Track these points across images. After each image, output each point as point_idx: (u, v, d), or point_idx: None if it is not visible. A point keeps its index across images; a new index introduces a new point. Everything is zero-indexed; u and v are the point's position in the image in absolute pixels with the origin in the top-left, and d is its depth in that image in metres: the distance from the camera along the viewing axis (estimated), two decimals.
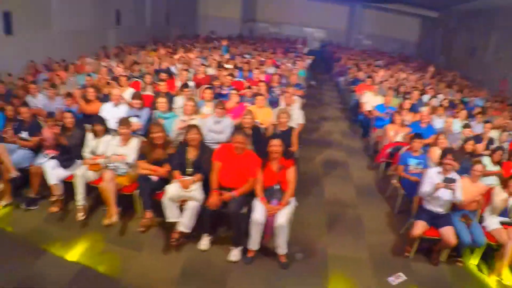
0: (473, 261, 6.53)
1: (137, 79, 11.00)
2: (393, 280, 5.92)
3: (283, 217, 5.72)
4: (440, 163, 6.48)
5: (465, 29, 23.77)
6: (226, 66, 13.62)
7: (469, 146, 8.05)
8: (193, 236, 6.08)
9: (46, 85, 9.52)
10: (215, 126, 7.61)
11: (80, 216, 6.38)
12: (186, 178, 6.04)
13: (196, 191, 6.00)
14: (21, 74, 11.27)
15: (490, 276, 6.31)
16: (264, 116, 8.54)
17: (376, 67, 18.58)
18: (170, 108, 8.42)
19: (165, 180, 6.33)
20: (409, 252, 6.47)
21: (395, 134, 9.22)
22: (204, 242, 6.07)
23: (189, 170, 6.15)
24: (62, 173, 6.63)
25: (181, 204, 6.03)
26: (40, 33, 14.12)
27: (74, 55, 13.93)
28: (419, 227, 6.20)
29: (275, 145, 5.93)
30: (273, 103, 9.93)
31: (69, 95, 8.84)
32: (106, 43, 17.57)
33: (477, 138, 9.08)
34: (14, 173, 6.68)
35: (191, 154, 6.20)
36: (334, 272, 5.93)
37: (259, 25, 33.51)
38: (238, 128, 7.18)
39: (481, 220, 6.65)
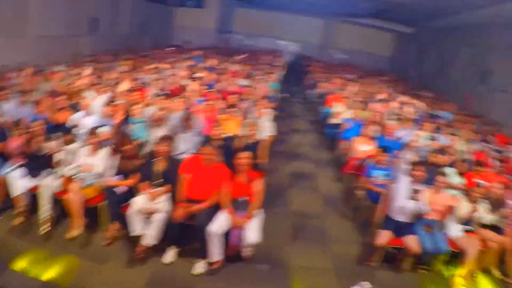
0: (437, 268, 6.74)
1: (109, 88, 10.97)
2: None
3: (254, 235, 5.84)
4: (410, 175, 6.68)
5: (436, 45, 24.31)
6: (198, 75, 13.71)
7: (434, 158, 8.29)
8: (159, 248, 6.05)
9: (17, 92, 9.41)
10: (184, 137, 7.60)
11: (45, 228, 6.24)
12: (154, 190, 6.06)
13: (163, 203, 6.01)
14: None
15: (454, 281, 6.52)
16: (235, 127, 8.59)
17: (348, 81, 18.83)
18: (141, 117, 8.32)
19: (132, 192, 6.28)
20: (374, 261, 6.63)
21: (362, 146, 9.40)
22: (170, 255, 6.05)
23: (157, 181, 6.16)
24: (28, 183, 6.44)
25: (148, 216, 5.99)
26: (14, 39, 13.92)
27: (48, 61, 13.67)
28: (384, 237, 6.38)
29: (243, 157, 6.05)
30: (246, 115, 9.97)
31: (39, 102, 8.65)
32: (81, 50, 17.46)
33: (443, 150, 9.37)
34: None
35: (160, 165, 6.21)
36: (298, 282, 6.01)
37: (234, 36, 33.56)
38: (207, 140, 7.26)
39: (444, 228, 6.86)
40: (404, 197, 6.40)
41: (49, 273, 5.53)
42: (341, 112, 12.19)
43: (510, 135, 13.09)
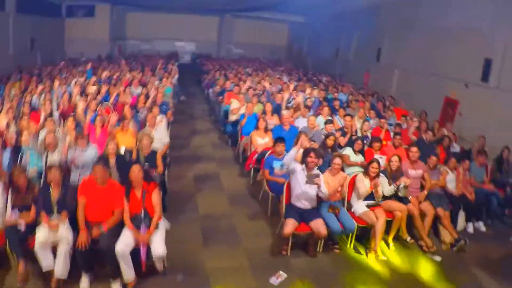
0: (349, 246, 7.10)
1: None
2: (275, 280, 6.19)
3: (160, 247, 5.78)
4: (302, 162, 6.84)
5: (331, 31, 25.20)
6: (90, 90, 13.34)
7: (330, 141, 8.55)
8: (74, 276, 5.79)
9: None
10: (79, 159, 7.29)
11: None
12: (54, 220, 5.81)
13: (64, 232, 5.76)
14: None
15: (367, 255, 6.93)
16: (129, 140, 8.42)
17: (244, 76, 18.95)
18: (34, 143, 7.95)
19: (34, 226, 5.95)
20: (286, 250, 6.81)
21: (260, 139, 9.59)
22: (84, 283, 5.81)
23: (55, 210, 5.92)
24: None
25: (54, 247, 5.76)
26: None
27: None
28: (290, 225, 6.54)
29: (134, 171, 5.96)
30: (139, 126, 9.82)
31: None
32: None
33: (342, 131, 9.68)
34: None
35: (55, 193, 5.98)
36: (216, 285, 6.04)
37: (130, 42, 32.88)
38: (98, 159, 7.02)
39: (349, 207, 7.26)
40: (302, 184, 6.57)
41: None
42: (237, 108, 12.28)
43: (404, 108, 13.90)
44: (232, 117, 12.38)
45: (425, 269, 6.77)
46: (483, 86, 12.19)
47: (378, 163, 7.25)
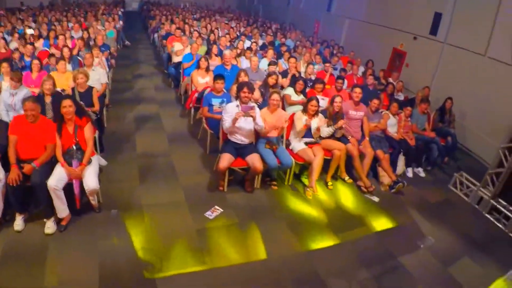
0: (287, 182, 7.20)
1: None
2: (210, 214, 6.27)
3: (92, 181, 5.71)
4: (237, 97, 6.82)
5: None
6: (28, 32, 12.98)
7: (271, 80, 8.57)
8: (8, 219, 5.72)
9: None
10: (10, 99, 7.17)
11: None
12: None
13: None
14: None
15: (305, 192, 7.05)
16: (66, 81, 8.28)
17: (191, 20, 18.75)
18: None
19: None
20: (223, 186, 6.87)
21: (201, 79, 9.54)
22: (18, 222, 5.71)
23: None
24: None
25: None
26: None
27: None
28: (225, 160, 6.55)
29: (66, 105, 5.80)
30: (77, 67, 9.60)
31: None
32: None
33: (284, 73, 9.75)
34: None
35: None
36: (152, 219, 6.06)
37: None
38: (28, 96, 6.87)
39: (288, 144, 7.34)
40: (236, 119, 6.51)
41: None
42: (181, 50, 12.19)
43: (352, 57, 14.05)
44: (175, 59, 12.26)
45: (363, 207, 6.96)
46: (432, 39, 12.29)
47: (317, 101, 7.28)
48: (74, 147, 5.86)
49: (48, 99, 7.01)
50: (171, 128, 9.36)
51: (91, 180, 5.73)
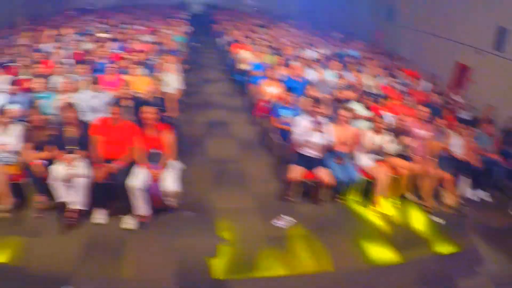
0: (352, 197, 7.21)
1: (10, 64, 10.62)
2: (279, 222, 6.43)
3: (172, 184, 6.04)
4: (309, 111, 6.98)
5: None
6: (101, 35, 13.49)
7: (340, 94, 8.68)
8: (88, 212, 6.13)
9: None
10: (92, 101, 7.58)
11: None
12: (70, 156, 6.07)
13: (81, 167, 6.02)
14: None
15: (369, 208, 7.06)
16: (141, 85, 8.57)
17: (255, 27, 18.94)
18: (47, 88, 8.18)
19: (51, 163, 6.21)
20: (292, 196, 7.01)
21: (270, 88, 9.68)
22: (100, 216, 6.16)
23: (71, 148, 6.16)
24: None
25: (70, 183, 5.99)
26: None
27: None
28: (295, 171, 6.74)
29: (147, 112, 6.18)
30: (151, 72, 9.97)
31: None
32: None
33: (351, 87, 9.77)
34: None
35: (72, 132, 6.21)
36: (224, 223, 6.32)
37: None
38: (116, 100, 7.26)
39: (355, 159, 7.34)
40: (308, 132, 6.70)
41: None
42: (247, 58, 12.42)
43: (416, 70, 13.73)
44: (241, 66, 12.49)
45: (425, 227, 6.88)
46: (497, 55, 11.72)
47: (384, 117, 7.36)
48: (155, 150, 6.19)
49: (126, 103, 7.37)
50: (239, 134, 9.65)
51: (170, 182, 6.05)
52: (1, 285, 5.04)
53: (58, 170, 5.94)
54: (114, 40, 13.35)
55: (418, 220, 7.02)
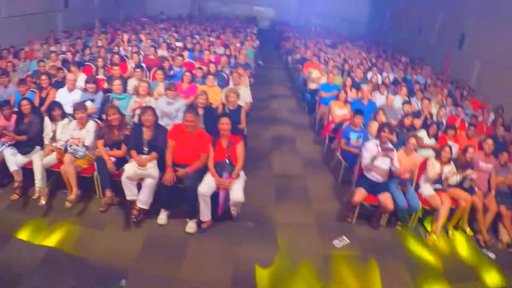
0: (411, 225, 7.16)
1: (88, 64, 11.17)
2: (338, 243, 6.47)
3: (239, 194, 6.22)
4: (377, 136, 7.03)
5: (413, 9, 24.31)
6: (177, 44, 13.93)
7: (408, 121, 8.66)
8: (151, 212, 6.41)
9: None
10: (167, 107, 7.89)
11: (42, 200, 6.50)
12: (143, 157, 6.34)
13: (152, 168, 6.30)
14: None
15: (427, 237, 6.96)
16: (213, 95, 8.84)
17: (324, 46, 19.06)
18: (124, 90, 8.59)
19: (121, 160, 6.60)
20: (352, 218, 7.03)
21: (339, 110, 9.78)
22: (162, 217, 6.43)
23: (145, 149, 6.45)
24: (21, 159, 6.71)
25: (139, 182, 6.34)
26: None
27: (23, 40, 13.67)
28: (359, 194, 6.75)
29: (224, 123, 6.38)
30: (222, 83, 10.30)
31: (22, 82, 8.70)
32: (55, 26, 17.34)
33: (417, 114, 9.73)
34: None
35: (146, 134, 6.49)
36: (283, 237, 6.42)
37: (209, 4, 33.13)
38: (189, 107, 7.54)
39: (417, 187, 7.30)
40: (375, 157, 6.73)
41: (52, 240, 5.85)
42: (318, 77, 12.51)
43: (482, 101, 13.39)
44: (312, 86, 12.61)
45: (478, 261, 6.69)
46: None
47: (451, 149, 7.28)
48: (227, 160, 6.38)
49: (200, 111, 7.61)
50: (305, 152, 9.72)
51: (238, 192, 6.22)
52: (59, 272, 5.32)
53: (131, 169, 6.23)
54: (187, 49, 13.77)
55: (471, 253, 6.88)
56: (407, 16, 25.16)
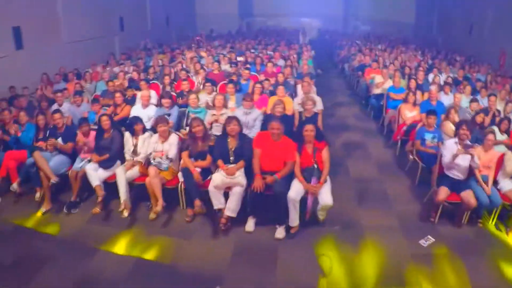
0: (491, 221, 7.13)
1: (154, 82, 11.64)
2: (424, 242, 6.53)
3: (328, 198, 6.38)
4: (455, 134, 7.08)
5: (461, 7, 23.88)
6: (238, 59, 14.31)
7: (479, 118, 8.67)
8: (238, 219, 6.61)
9: (66, 94, 10.13)
10: (244, 118, 8.11)
11: (125, 213, 6.86)
12: (231, 166, 6.59)
13: (240, 177, 6.53)
14: (35, 87, 11.76)
15: (508, 233, 6.91)
16: (287, 104, 8.97)
17: (379, 51, 19.10)
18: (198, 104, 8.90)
19: (205, 171, 6.88)
20: (434, 218, 7.07)
21: (409, 113, 9.88)
22: (250, 224, 6.67)
23: (231, 158, 6.70)
24: (103, 174, 7.11)
25: (226, 190, 6.57)
26: (50, 45, 14.68)
27: (83, 63, 14.48)
28: (443, 193, 6.81)
29: (309, 130, 6.57)
30: (291, 92, 10.57)
31: (95, 101, 9.40)
32: (112, 49, 18.32)
33: (484, 111, 9.69)
34: (54, 179, 7.10)
35: (232, 144, 6.74)
36: (370, 239, 6.52)
37: (257, 19, 33.55)
38: (273, 116, 7.76)
39: (495, 183, 7.25)
40: (456, 155, 6.75)
41: (138, 252, 6.14)
42: (382, 82, 12.66)
43: None
44: (376, 91, 12.74)
45: None
46: None
47: None
48: (315, 166, 6.55)
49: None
50: (378, 157, 9.83)
51: (327, 196, 6.38)
52: (150, 281, 5.56)
53: (218, 178, 6.47)
54: (248, 63, 14.11)
55: None
56: (456, 15, 24.75)
